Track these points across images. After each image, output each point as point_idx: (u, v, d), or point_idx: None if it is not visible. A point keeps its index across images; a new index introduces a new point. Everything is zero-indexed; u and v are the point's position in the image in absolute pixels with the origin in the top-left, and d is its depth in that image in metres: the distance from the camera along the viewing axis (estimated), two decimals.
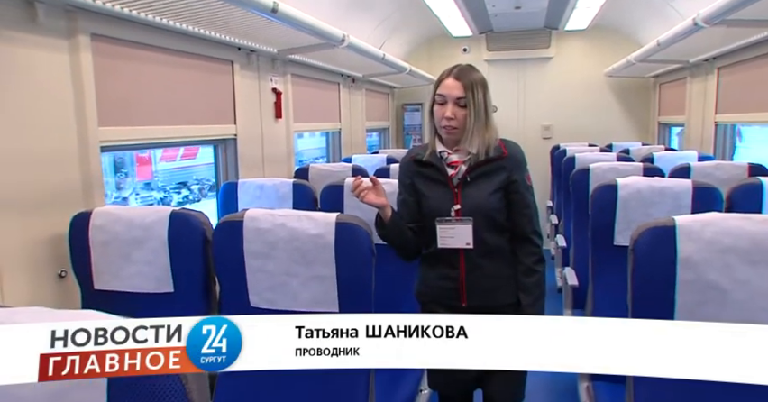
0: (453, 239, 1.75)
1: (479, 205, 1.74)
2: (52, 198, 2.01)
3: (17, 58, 1.86)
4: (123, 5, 2.17)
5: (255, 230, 1.73)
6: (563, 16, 6.05)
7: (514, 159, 1.79)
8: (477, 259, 1.76)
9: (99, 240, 1.92)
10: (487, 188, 1.76)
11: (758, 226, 1.45)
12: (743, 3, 2.65)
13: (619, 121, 6.85)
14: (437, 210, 1.77)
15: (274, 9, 2.41)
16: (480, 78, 1.75)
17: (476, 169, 1.76)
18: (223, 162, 3.24)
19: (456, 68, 1.76)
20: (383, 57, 4.40)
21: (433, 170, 1.79)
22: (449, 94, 1.72)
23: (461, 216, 1.75)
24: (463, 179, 1.76)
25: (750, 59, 3.87)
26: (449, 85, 1.73)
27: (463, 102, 1.71)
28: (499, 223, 1.78)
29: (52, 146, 2.01)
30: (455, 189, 1.77)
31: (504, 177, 1.76)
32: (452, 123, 1.72)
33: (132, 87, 2.45)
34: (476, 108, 1.71)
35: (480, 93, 1.73)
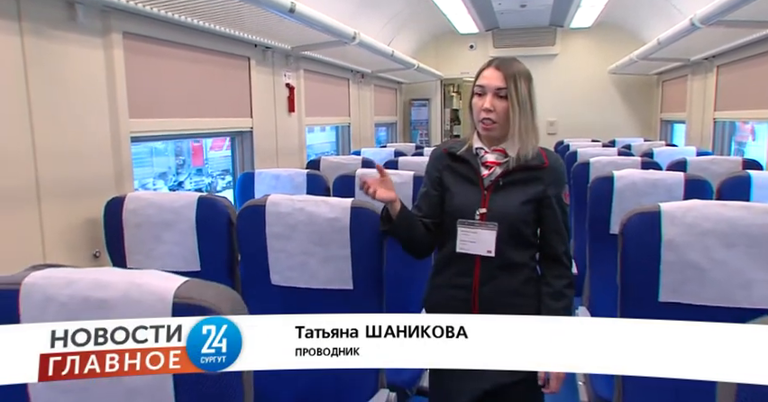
0: (475, 244, 1.60)
1: (506, 213, 1.59)
2: (88, 185, 2.17)
3: (59, 54, 2.03)
4: (152, 5, 2.33)
5: (276, 214, 1.88)
6: (568, 14, 6.19)
7: (554, 173, 1.62)
8: (494, 270, 1.61)
9: (132, 222, 2.08)
10: (519, 197, 1.60)
11: (735, 212, 1.59)
12: (737, 4, 2.79)
13: (623, 117, 6.99)
14: (461, 210, 1.62)
15: (291, 9, 2.57)
16: (524, 70, 1.59)
17: (511, 174, 1.60)
18: (239, 153, 3.40)
19: (497, 60, 1.61)
20: (392, 53, 4.55)
21: (465, 167, 1.64)
22: (488, 84, 1.56)
23: (485, 221, 1.59)
24: (495, 182, 1.60)
25: (748, 58, 4.00)
26: (489, 75, 1.58)
27: (504, 92, 1.55)
28: (525, 238, 1.62)
29: (89, 137, 2.18)
30: (485, 191, 1.61)
31: (540, 189, 1.60)
32: (491, 116, 1.56)
33: (158, 82, 2.61)
34: (520, 101, 1.56)
35: (524, 86, 1.57)
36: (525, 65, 1.62)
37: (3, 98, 1.82)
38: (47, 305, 0.98)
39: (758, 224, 1.56)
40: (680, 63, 5.24)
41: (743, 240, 1.57)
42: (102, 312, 0.96)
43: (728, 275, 1.60)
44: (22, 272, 1.03)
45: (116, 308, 0.95)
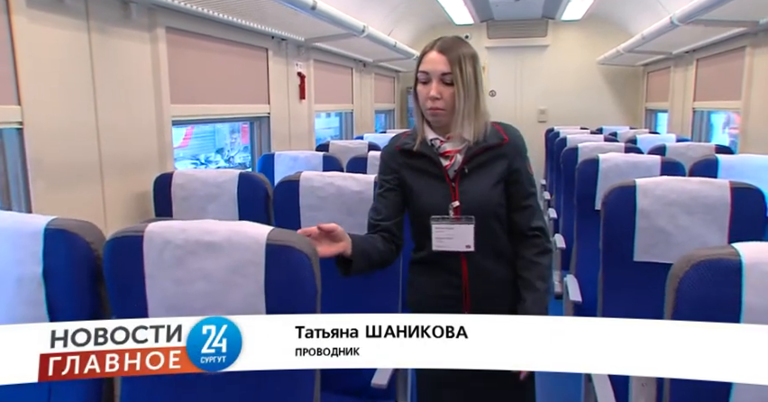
0: (452, 240, 1.51)
1: (481, 202, 1.51)
2: (138, 162, 2.47)
3: (116, 48, 2.31)
4: (190, 2, 2.61)
5: (310, 187, 2.19)
6: (560, 7, 6.47)
7: (514, 146, 1.55)
8: (482, 262, 1.54)
9: (180, 195, 2.38)
10: (488, 181, 1.52)
11: (695, 186, 1.93)
12: (712, 5, 3.11)
13: (610, 106, 7.32)
14: (432, 208, 1.52)
15: (313, 7, 2.85)
16: (469, 52, 1.49)
17: (474, 158, 1.51)
18: (258, 137, 3.69)
19: (440, 41, 1.49)
20: (395, 45, 4.84)
21: (425, 162, 1.53)
22: (433, 69, 1.46)
23: (460, 215, 1.50)
24: (460, 171, 1.51)
25: (723, 53, 4.34)
26: (433, 59, 1.47)
27: (449, 78, 1.45)
28: (502, 219, 1.56)
29: (138, 120, 2.46)
30: (452, 183, 1.51)
31: (504, 166, 1.53)
32: (438, 104, 1.46)
33: (193, 71, 2.90)
34: (465, 85, 1.46)
35: (470, 67, 1.47)
36: (469, 45, 1.52)
37: (76, 86, 2.10)
38: (165, 247, 1.28)
39: (713, 196, 1.90)
40: (663, 56, 5.57)
41: (701, 208, 1.91)
42: (210, 252, 1.26)
43: (689, 237, 1.94)
44: (141, 223, 1.33)
45: (222, 249, 1.25)
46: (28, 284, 1.35)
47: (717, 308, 1.03)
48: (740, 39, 3.90)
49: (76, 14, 2.07)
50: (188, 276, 1.27)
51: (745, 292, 1.02)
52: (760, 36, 3.61)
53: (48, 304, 1.35)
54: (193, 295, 1.27)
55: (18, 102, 1.83)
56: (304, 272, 1.24)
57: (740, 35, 3.85)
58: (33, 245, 1.34)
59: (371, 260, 1.49)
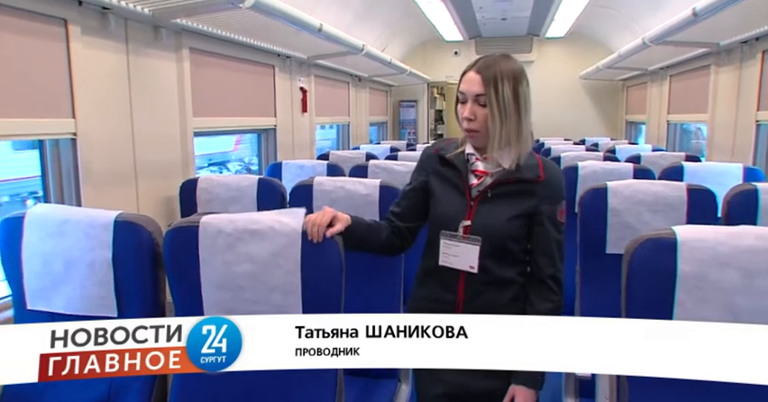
0: (457, 258, 1.49)
1: (491, 228, 1.45)
2: (165, 169, 2.74)
3: (149, 67, 2.60)
4: (210, 25, 2.91)
5: (322, 191, 2.47)
6: (544, 25, 6.86)
7: (550, 187, 1.46)
8: (480, 287, 1.49)
9: (204, 198, 2.65)
10: (507, 211, 1.45)
11: (658, 188, 2.24)
12: (678, 28, 3.46)
13: (592, 118, 7.71)
14: (445, 220, 1.50)
15: (319, 29, 3.15)
16: (509, 69, 1.41)
17: (501, 185, 1.46)
18: (264, 147, 3.98)
19: (482, 60, 1.44)
20: (390, 61, 5.16)
21: (453, 173, 1.51)
22: (468, 90, 1.43)
23: (468, 234, 1.47)
24: (484, 193, 1.47)
25: (693, 70, 4.71)
26: (469, 79, 1.43)
27: (483, 100, 1.40)
28: (514, 255, 1.49)
29: (166, 131, 2.75)
30: (471, 202, 1.48)
31: (532, 204, 1.45)
32: (473, 126, 1.43)
33: (210, 87, 3.18)
34: (500, 107, 1.40)
35: (508, 88, 1.40)
36: (515, 62, 1.45)
37: (116, 101, 2.38)
38: (217, 235, 1.54)
39: (673, 196, 2.22)
40: (640, 72, 5.95)
41: (662, 207, 2.22)
42: (255, 239, 1.52)
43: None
44: (195, 216, 1.60)
45: (265, 236, 1.52)
46: (99, 267, 1.61)
47: (658, 275, 1.32)
48: (706, 58, 4.28)
49: (117, 39, 2.36)
50: (236, 259, 1.53)
51: (679, 262, 1.31)
52: (722, 56, 3.98)
53: (115, 284, 1.61)
54: (240, 274, 1.53)
55: (73, 115, 2.10)
56: (332, 253, 1.51)
57: (706, 54, 4.22)
58: (104, 235, 1.60)
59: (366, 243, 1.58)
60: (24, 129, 1.93)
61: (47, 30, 1.98)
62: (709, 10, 2.76)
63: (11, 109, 1.87)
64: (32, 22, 1.92)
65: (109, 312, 1.62)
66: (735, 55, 3.83)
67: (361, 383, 2.13)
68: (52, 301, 1.65)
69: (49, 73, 2.01)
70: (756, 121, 3.56)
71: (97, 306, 1.62)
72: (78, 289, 1.63)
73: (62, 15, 2.02)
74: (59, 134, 2.07)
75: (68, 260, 1.62)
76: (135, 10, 2.30)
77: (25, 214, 1.66)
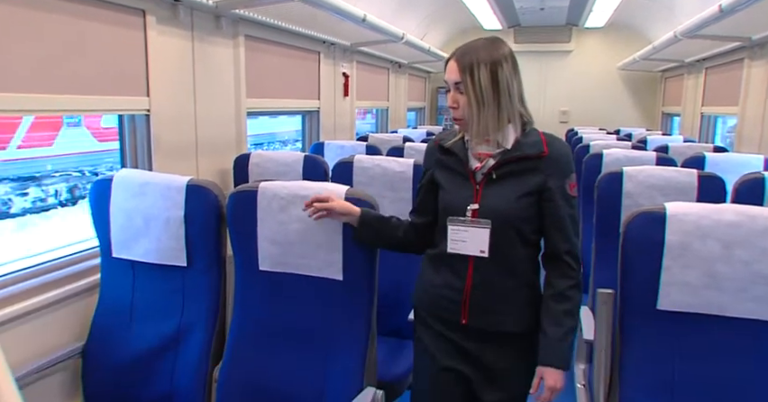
0: (466, 243, 1.46)
1: (500, 209, 1.43)
2: (221, 145, 3.04)
3: (210, 53, 2.88)
4: (263, 15, 3.18)
5: (361, 168, 2.72)
6: (583, 15, 6.92)
7: (555, 162, 1.44)
8: (489, 272, 1.47)
9: (255, 172, 2.95)
10: (514, 191, 1.43)
11: (671, 173, 2.43)
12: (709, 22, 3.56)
13: (629, 109, 7.75)
14: (452, 207, 1.49)
15: (363, 19, 3.39)
16: (485, 53, 1.39)
17: (505, 165, 1.45)
18: (308, 128, 4.26)
19: (461, 47, 1.44)
20: (428, 49, 5.36)
21: (455, 160, 1.51)
22: (448, 78, 1.44)
23: (477, 217, 1.45)
24: (488, 175, 1.45)
25: (727, 63, 4.77)
26: (449, 67, 1.44)
27: (462, 87, 1.41)
28: (525, 235, 1.46)
29: (223, 110, 3.04)
30: (477, 186, 1.46)
31: (539, 180, 1.43)
32: (457, 114, 1.44)
33: (262, 70, 3.47)
34: (477, 93, 1.39)
35: (484, 72, 1.38)
36: (497, 46, 1.42)
37: (182, 83, 2.68)
38: (273, 198, 1.80)
39: (684, 181, 2.40)
40: (677, 63, 5.99)
41: (673, 191, 2.41)
42: (304, 201, 1.80)
43: None
44: (254, 182, 1.88)
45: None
46: (173, 224, 1.90)
47: (649, 243, 1.54)
48: (740, 51, 4.35)
49: (185, 27, 2.65)
50: (288, 218, 1.79)
51: (667, 233, 1.52)
52: (755, 50, 4.06)
53: (186, 238, 1.91)
54: (291, 232, 1.79)
55: (147, 94, 2.41)
56: None
57: (739, 48, 4.30)
58: (178, 196, 1.90)
59: (380, 237, 1.64)
60: (110, 105, 2.24)
61: (129, 20, 2.28)
62: (735, 6, 2.88)
63: (99, 88, 2.18)
64: (117, 13, 2.21)
65: (180, 262, 1.92)
66: (767, 49, 3.91)
67: (388, 344, 2.31)
68: (133, 250, 1.97)
69: (130, 57, 2.31)
70: None
71: (170, 256, 1.93)
72: (155, 242, 1.93)
73: (142, 7, 2.32)
74: (136, 110, 2.38)
75: (147, 216, 1.92)
76: (201, 2, 2.58)
77: (113, 177, 1.97)
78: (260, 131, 6.00)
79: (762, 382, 1.48)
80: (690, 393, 1.52)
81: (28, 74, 1.89)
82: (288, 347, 1.80)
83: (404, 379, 2.16)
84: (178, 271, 1.93)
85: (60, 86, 2.01)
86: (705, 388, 1.51)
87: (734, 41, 4.07)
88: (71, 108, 2.12)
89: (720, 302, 1.50)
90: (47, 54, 1.95)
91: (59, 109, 2.09)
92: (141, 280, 1.99)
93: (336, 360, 1.74)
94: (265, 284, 1.82)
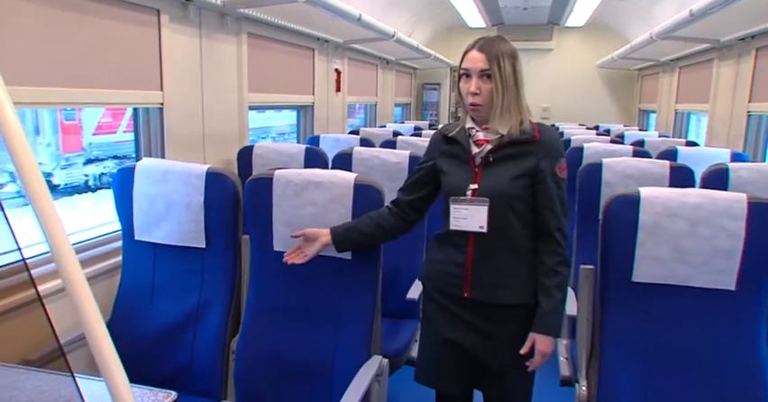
0: (467, 220, 1.59)
1: (497, 189, 1.57)
2: (225, 137, 3.20)
3: (216, 49, 3.04)
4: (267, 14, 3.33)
5: (360, 159, 2.90)
6: (564, 14, 7.15)
7: (546, 146, 1.59)
8: (488, 247, 1.60)
9: (259, 163, 3.11)
10: (510, 172, 1.57)
11: (645, 164, 2.66)
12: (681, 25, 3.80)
13: (608, 106, 8.03)
14: (455, 189, 1.62)
15: (359, 18, 3.57)
16: (508, 49, 1.56)
17: (501, 149, 1.59)
18: (303, 122, 4.42)
19: (481, 40, 1.58)
20: (417, 46, 5.55)
21: (457, 147, 1.65)
22: (473, 67, 1.56)
23: (476, 197, 1.59)
24: (486, 159, 1.59)
25: (699, 63, 5.05)
26: (473, 57, 1.56)
27: (488, 73, 1.54)
28: (521, 214, 1.59)
29: (227, 104, 3.20)
30: (476, 168, 1.60)
31: (531, 163, 1.57)
32: (477, 100, 1.56)
33: (262, 66, 3.62)
34: (503, 81, 1.54)
35: (509, 64, 1.54)
36: (510, 43, 1.60)
37: (191, 78, 2.83)
38: (287, 185, 1.96)
39: (657, 172, 2.63)
40: (653, 62, 6.26)
41: (648, 181, 2.63)
42: (317, 188, 1.91)
43: None
44: (269, 170, 2.05)
45: (324, 186, 1.93)
46: (194, 208, 2.06)
47: (625, 223, 1.75)
48: (710, 52, 4.61)
49: (194, 25, 2.80)
50: (302, 203, 1.96)
51: (640, 213, 1.74)
52: (724, 51, 4.32)
53: (205, 221, 2.07)
54: (304, 216, 1.95)
55: (161, 88, 2.56)
56: (377, 200, 1.92)
57: (710, 49, 4.56)
58: (198, 183, 2.05)
59: (363, 237, 1.78)
60: (128, 98, 2.39)
61: (145, 19, 2.43)
62: (704, 11, 3.12)
63: (117, 82, 2.33)
64: (135, 12, 2.37)
65: (199, 243, 2.08)
66: (734, 51, 4.17)
67: (387, 323, 2.45)
68: (154, 233, 2.12)
69: (146, 54, 2.46)
70: (748, 111, 3.92)
71: (190, 238, 2.08)
72: (176, 225, 2.09)
73: (157, 6, 2.47)
74: (151, 104, 2.53)
75: (168, 201, 2.08)
76: (210, 1, 2.73)
77: (136, 166, 2.13)
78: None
79: (719, 342, 1.70)
80: (659, 353, 1.74)
81: (58, 70, 2.04)
82: (300, 320, 1.95)
83: (402, 354, 2.32)
84: (198, 253, 2.08)
85: (85, 81, 2.16)
86: (673, 349, 1.73)
87: (704, 43, 4.33)
88: (95, 101, 2.27)
89: (686, 274, 1.72)
90: (75, 51, 2.10)
91: (83, 102, 2.24)
92: (162, 261, 2.14)
93: (346, 332, 1.88)
94: (279, 263, 1.93)
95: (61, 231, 0.76)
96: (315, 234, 1.79)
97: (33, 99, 1.97)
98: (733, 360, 1.68)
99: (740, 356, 1.68)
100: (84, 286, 0.76)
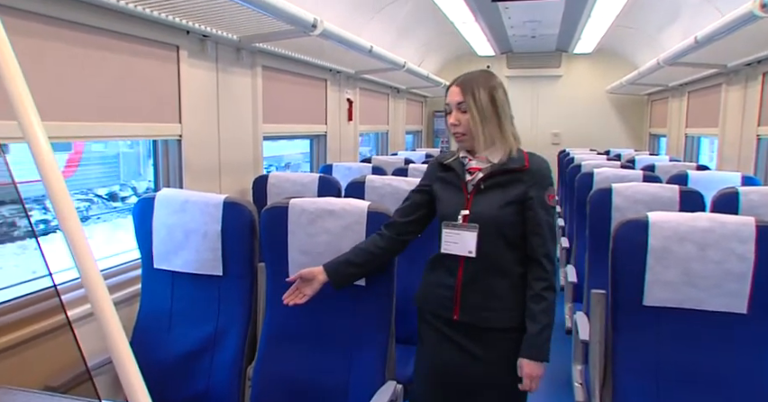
0: (457, 245, 1.65)
1: (487, 215, 1.63)
2: (240, 167, 3.28)
3: (231, 82, 3.14)
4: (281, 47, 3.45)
5: (372, 187, 2.95)
6: (572, 42, 7.25)
7: (535, 174, 1.65)
8: (477, 271, 1.66)
9: (273, 192, 3.17)
10: (499, 199, 1.64)
11: (655, 189, 2.68)
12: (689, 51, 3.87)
13: (618, 131, 8.07)
14: (447, 214, 1.70)
15: (370, 50, 3.67)
16: (483, 80, 1.65)
17: (492, 177, 1.66)
18: (316, 151, 4.51)
19: (462, 76, 1.70)
20: (427, 75, 5.66)
21: (452, 175, 1.73)
22: (451, 100, 1.67)
23: (467, 223, 1.65)
24: (477, 186, 1.66)
25: (708, 87, 5.09)
26: (451, 92, 1.68)
27: (464, 106, 1.63)
28: (510, 240, 1.65)
29: (242, 135, 3.28)
30: (468, 195, 1.67)
31: (521, 191, 1.63)
32: (458, 130, 1.66)
33: (275, 98, 3.72)
34: (479, 111, 1.62)
35: (484, 95, 1.62)
36: (493, 76, 1.69)
37: (207, 110, 2.93)
38: (302, 213, 2.02)
39: (667, 196, 2.65)
40: (662, 87, 6.31)
41: (658, 205, 2.65)
42: (331, 216, 1.97)
43: None
44: (284, 199, 2.10)
45: (338, 214, 1.99)
46: (211, 237, 2.11)
47: (635, 247, 1.78)
48: (718, 77, 4.66)
49: (210, 59, 2.91)
50: (316, 231, 2.00)
51: (650, 237, 1.77)
52: (731, 76, 4.37)
53: (222, 249, 2.12)
54: (319, 243, 2.00)
55: (179, 121, 2.65)
56: None
57: (717, 74, 4.61)
58: (216, 212, 2.10)
59: (359, 270, 1.83)
60: (149, 131, 2.48)
61: (165, 55, 2.53)
62: (709, 38, 3.18)
63: (137, 115, 2.42)
64: (156, 49, 2.47)
65: (216, 271, 2.12)
66: (741, 75, 4.21)
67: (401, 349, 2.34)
68: (173, 262, 2.17)
69: (166, 88, 2.56)
70: (757, 135, 3.95)
71: (208, 266, 2.13)
72: (194, 253, 2.14)
73: (176, 43, 2.57)
74: (170, 136, 2.62)
75: (187, 230, 2.13)
76: (227, 37, 2.84)
77: (155, 196, 2.20)
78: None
79: (731, 365, 1.70)
80: (671, 376, 1.74)
81: (85, 105, 2.13)
82: (315, 346, 1.97)
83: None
84: (215, 280, 2.12)
85: (109, 115, 2.25)
86: (684, 371, 1.74)
87: (712, 68, 4.39)
88: (118, 134, 2.35)
89: (697, 297, 1.73)
90: (100, 88, 2.20)
91: (108, 136, 2.33)
92: (180, 289, 2.18)
93: (360, 358, 1.91)
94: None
95: (90, 257, 0.81)
96: (310, 274, 1.83)
97: (63, 133, 2.05)
98: (746, 383, 1.68)
99: (753, 379, 1.68)
100: (111, 310, 0.80)
